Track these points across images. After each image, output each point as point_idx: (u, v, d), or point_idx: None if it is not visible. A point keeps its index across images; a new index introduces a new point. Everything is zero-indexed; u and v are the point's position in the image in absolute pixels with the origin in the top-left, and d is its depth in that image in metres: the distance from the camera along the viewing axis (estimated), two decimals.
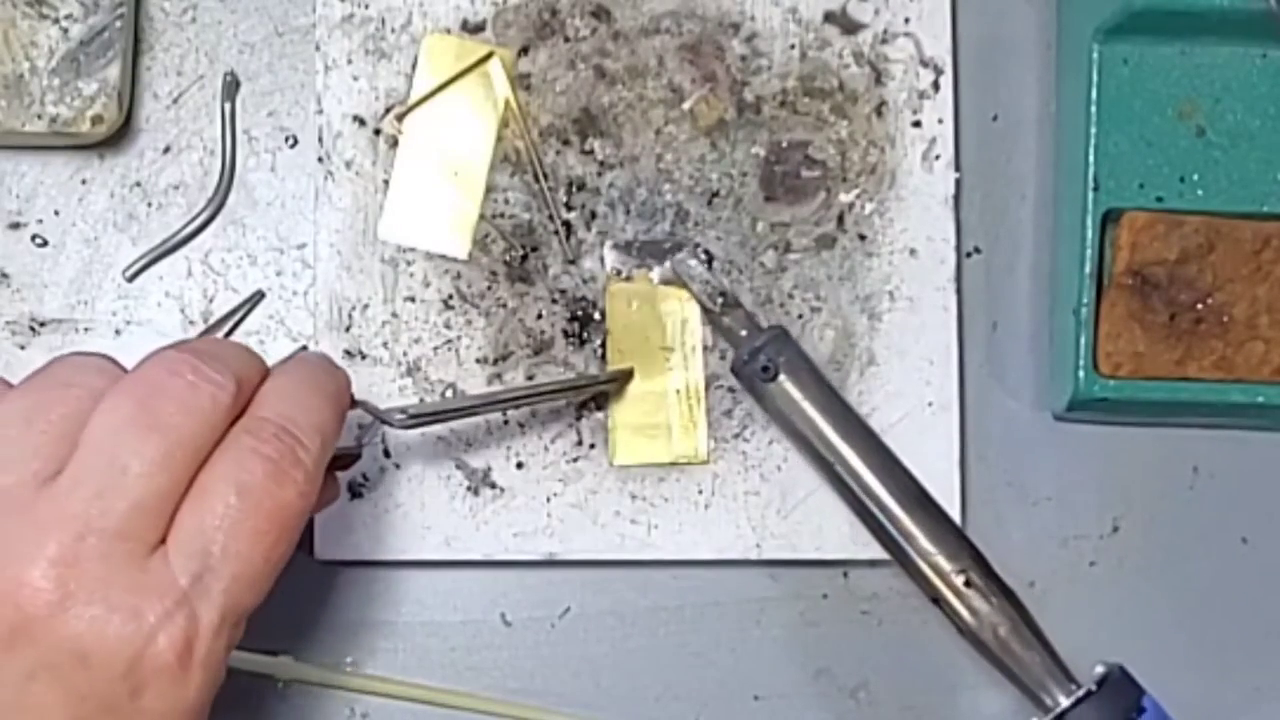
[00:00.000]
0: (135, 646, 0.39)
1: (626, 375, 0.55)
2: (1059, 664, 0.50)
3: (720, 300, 0.54)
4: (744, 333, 0.54)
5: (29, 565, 0.38)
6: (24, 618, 0.38)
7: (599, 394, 0.55)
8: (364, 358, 0.55)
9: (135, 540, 0.39)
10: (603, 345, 0.55)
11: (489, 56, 0.56)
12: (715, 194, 0.56)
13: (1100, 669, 0.50)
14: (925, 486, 0.53)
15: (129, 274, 0.56)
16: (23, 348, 0.56)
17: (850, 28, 0.56)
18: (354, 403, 0.47)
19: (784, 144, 0.56)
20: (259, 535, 0.41)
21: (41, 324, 0.56)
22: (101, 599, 0.39)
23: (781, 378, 0.53)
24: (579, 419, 0.55)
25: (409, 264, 0.55)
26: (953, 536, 0.52)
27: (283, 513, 0.41)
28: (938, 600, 0.52)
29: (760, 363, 0.53)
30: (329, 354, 0.54)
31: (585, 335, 0.55)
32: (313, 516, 0.54)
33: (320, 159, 0.55)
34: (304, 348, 0.55)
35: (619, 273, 0.55)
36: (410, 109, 0.56)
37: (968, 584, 0.51)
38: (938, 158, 0.56)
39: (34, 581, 0.38)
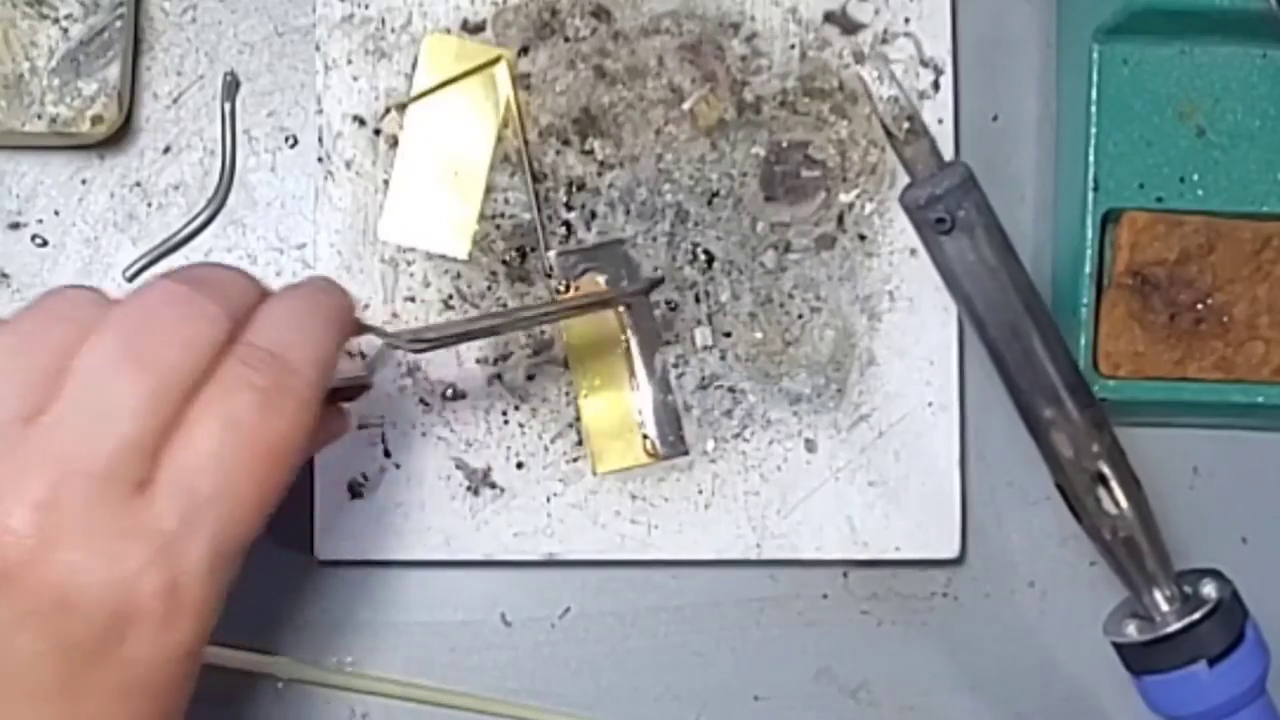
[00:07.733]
0: (117, 593, 0.37)
1: (652, 284, 0.55)
2: (1170, 578, 0.48)
3: (906, 125, 0.46)
4: (924, 169, 0.46)
5: (10, 509, 0.37)
6: (5, 564, 0.37)
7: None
8: (364, 358, 0.55)
9: (121, 481, 0.38)
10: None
11: (497, 60, 0.55)
12: (715, 194, 0.56)
13: (1209, 588, 0.48)
14: (1084, 378, 0.48)
15: (129, 274, 0.56)
16: None
17: (850, 28, 0.56)
18: (360, 328, 0.46)
19: (784, 144, 0.56)
20: (249, 470, 0.39)
21: None
22: (83, 545, 0.37)
23: (957, 232, 0.46)
24: (579, 419, 0.55)
25: (409, 264, 0.55)
26: (1098, 430, 0.48)
27: (274, 445, 0.39)
28: (1061, 487, 0.48)
29: (937, 213, 0.46)
30: None
31: None
32: (313, 514, 0.54)
33: (320, 159, 0.55)
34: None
35: (566, 284, 0.55)
36: (412, 100, 0.55)
37: (1100, 477, 0.47)
38: None
39: (14, 527, 0.37)
